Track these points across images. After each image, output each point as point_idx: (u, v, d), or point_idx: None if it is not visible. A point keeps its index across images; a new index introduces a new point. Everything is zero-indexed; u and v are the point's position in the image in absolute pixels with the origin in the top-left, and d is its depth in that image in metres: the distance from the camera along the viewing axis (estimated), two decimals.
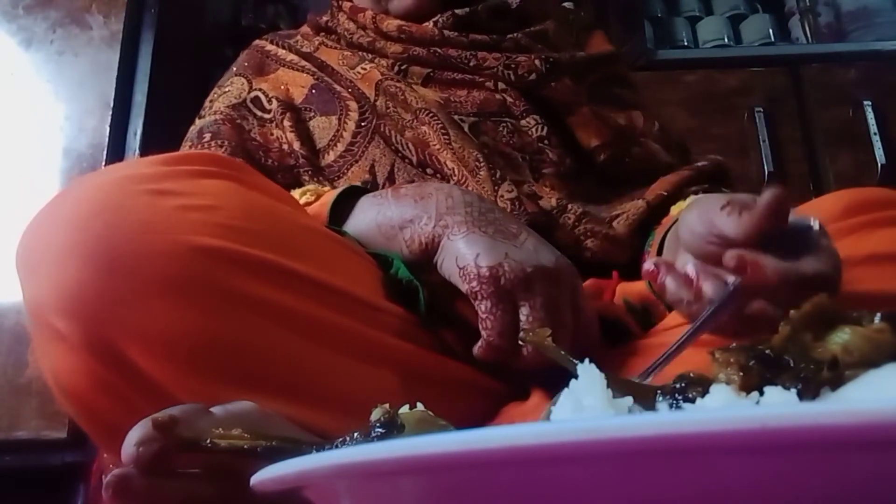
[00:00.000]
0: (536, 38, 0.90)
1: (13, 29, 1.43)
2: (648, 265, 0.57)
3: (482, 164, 0.79)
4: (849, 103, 1.72)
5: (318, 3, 1.97)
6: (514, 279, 0.56)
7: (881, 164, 1.66)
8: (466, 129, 0.83)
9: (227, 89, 0.89)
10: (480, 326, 0.57)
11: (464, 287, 0.57)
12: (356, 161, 0.82)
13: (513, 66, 0.85)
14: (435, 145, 0.81)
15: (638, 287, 0.71)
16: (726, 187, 0.87)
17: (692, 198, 0.78)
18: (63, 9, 1.44)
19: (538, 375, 0.59)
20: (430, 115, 0.83)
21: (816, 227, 0.53)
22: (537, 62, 0.86)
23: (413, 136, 0.82)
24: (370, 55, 0.89)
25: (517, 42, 0.88)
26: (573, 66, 0.89)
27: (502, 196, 0.77)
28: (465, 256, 0.58)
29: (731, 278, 0.51)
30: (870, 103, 1.70)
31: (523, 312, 0.56)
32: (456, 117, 0.83)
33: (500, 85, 0.85)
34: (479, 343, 0.57)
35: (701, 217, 0.55)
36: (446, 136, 0.81)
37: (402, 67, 0.87)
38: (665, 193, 0.81)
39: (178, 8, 1.56)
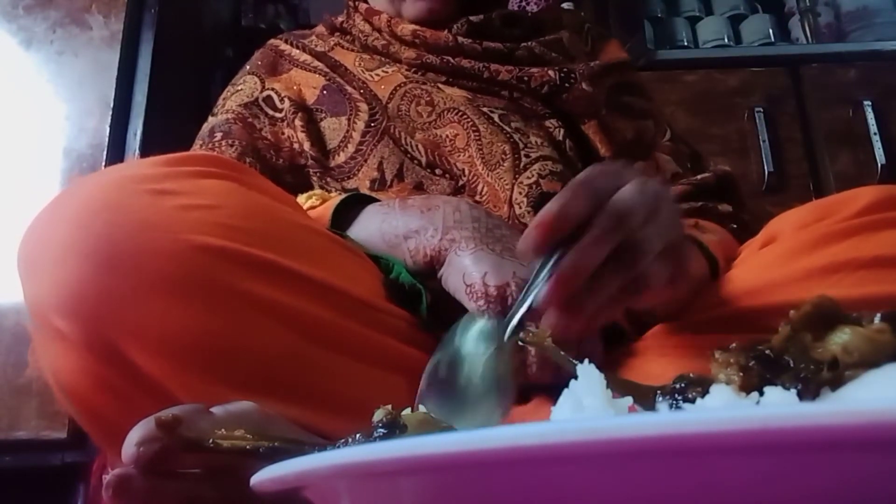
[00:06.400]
0: (551, 47, 0.88)
1: (13, 29, 1.43)
2: None
3: (507, 157, 0.79)
4: (849, 103, 1.72)
5: (318, 3, 1.98)
6: None
7: (881, 164, 1.66)
8: (496, 118, 0.82)
9: (239, 87, 0.90)
10: None
11: (470, 305, 0.57)
12: (365, 161, 0.82)
13: (526, 78, 0.84)
14: (455, 143, 0.81)
15: None
16: (731, 201, 0.87)
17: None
18: (63, 9, 1.44)
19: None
20: (458, 113, 0.83)
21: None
22: (551, 73, 0.85)
23: (423, 139, 0.82)
24: (386, 59, 0.89)
25: (531, 51, 0.87)
26: (588, 76, 0.87)
27: (521, 183, 0.77)
28: (472, 274, 0.58)
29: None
30: (870, 103, 1.70)
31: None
32: (485, 109, 0.83)
33: (515, 94, 0.85)
34: None
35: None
36: (476, 132, 0.81)
37: (419, 74, 0.87)
38: None
39: (178, 8, 1.56)
